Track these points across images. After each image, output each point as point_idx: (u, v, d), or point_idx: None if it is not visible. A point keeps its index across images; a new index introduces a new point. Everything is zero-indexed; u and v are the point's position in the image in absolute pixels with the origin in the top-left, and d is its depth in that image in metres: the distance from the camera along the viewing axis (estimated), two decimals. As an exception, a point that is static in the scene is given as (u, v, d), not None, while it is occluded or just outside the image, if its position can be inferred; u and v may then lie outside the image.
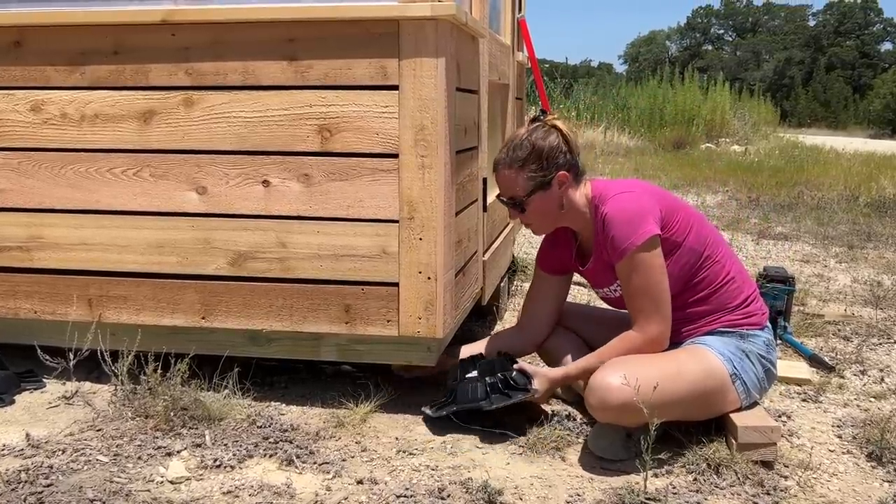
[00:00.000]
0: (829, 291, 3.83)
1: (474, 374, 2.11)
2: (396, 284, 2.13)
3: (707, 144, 14.35)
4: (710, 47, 68.09)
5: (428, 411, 2.13)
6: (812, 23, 63.54)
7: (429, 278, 2.11)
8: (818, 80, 50.79)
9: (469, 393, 2.06)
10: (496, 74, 2.97)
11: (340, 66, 2.07)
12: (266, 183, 2.15)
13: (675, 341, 2.11)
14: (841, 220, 6.15)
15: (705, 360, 1.99)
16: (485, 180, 2.70)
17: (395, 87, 2.05)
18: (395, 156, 2.08)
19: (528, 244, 4.57)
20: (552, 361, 2.31)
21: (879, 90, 42.46)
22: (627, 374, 1.86)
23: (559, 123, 2.08)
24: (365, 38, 2.05)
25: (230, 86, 2.13)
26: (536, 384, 2.06)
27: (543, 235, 2.29)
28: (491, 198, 2.68)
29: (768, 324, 2.13)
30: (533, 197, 2.07)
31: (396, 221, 2.10)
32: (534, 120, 2.12)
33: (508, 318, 3.20)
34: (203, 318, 2.24)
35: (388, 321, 2.15)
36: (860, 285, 3.98)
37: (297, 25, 2.08)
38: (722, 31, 69.56)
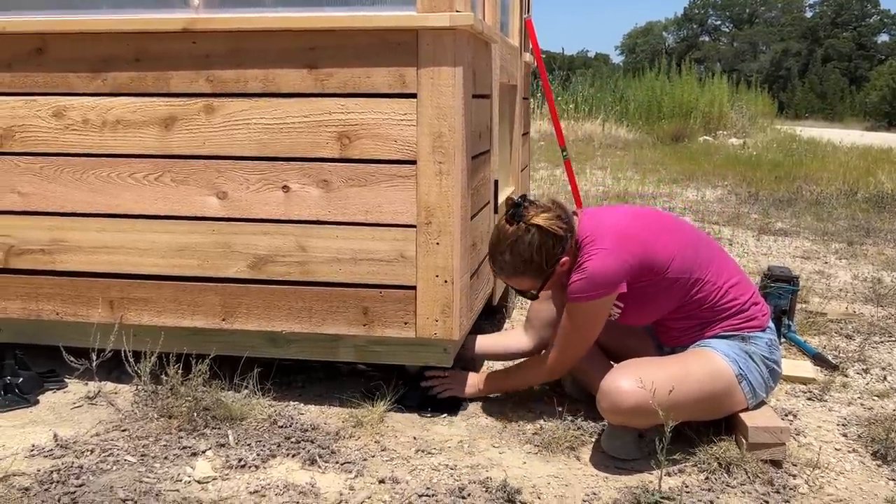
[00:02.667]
0: (831, 289, 3.89)
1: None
2: (414, 288, 2.18)
3: (705, 137, 14.37)
4: (707, 38, 68.02)
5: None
6: (809, 14, 63.49)
7: (445, 282, 2.16)
8: (815, 71, 50.78)
9: (418, 396, 2.32)
10: (506, 76, 3.01)
11: (360, 75, 2.11)
12: (286, 188, 2.19)
13: (681, 345, 2.17)
14: (840, 215, 6.20)
15: (712, 362, 2.05)
16: (496, 182, 2.75)
17: (414, 96, 2.09)
18: (413, 162, 2.12)
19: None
20: None
21: (876, 82, 42.46)
22: (641, 378, 1.92)
23: (540, 221, 2.03)
24: (384, 47, 2.09)
25: (250, 93, 2.17)
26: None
27: None
28: (501, 199, 2.73)
29: (771, 324, 2.18)
30: (544, 287, 2.14)
31: (414, 226, 2.15)
32: (512, 216, 2.05)
33: (517, 317, 3.25)
34: (223, 319, 2.29)
35: (406, 323, 2.20)
36: (861, 282, 4.03)
37: (317, 34, 2.12)
38: (719, 23, 69.44)
